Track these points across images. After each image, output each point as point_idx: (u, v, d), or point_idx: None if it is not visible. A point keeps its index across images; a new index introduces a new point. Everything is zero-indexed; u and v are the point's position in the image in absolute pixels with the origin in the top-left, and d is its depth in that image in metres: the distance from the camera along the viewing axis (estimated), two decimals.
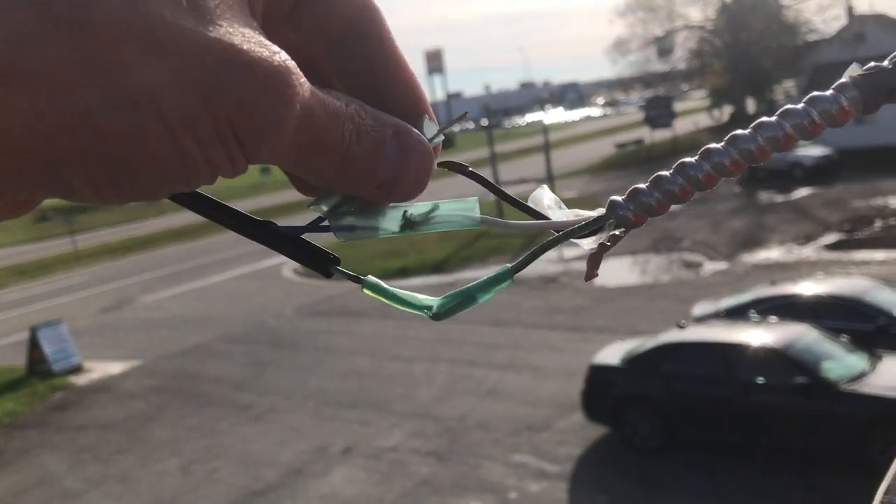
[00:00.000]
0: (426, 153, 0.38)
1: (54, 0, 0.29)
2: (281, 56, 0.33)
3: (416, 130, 0.39)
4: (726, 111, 50.47)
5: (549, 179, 25.27)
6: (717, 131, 45.90)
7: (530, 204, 0.40)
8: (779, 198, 23.64)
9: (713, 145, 0.34)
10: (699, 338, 9.31)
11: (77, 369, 14.72)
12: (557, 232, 0.38)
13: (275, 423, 10.96)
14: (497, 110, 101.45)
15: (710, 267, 16.66)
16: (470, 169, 0.42)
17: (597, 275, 0.37)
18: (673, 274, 16.59)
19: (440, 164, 0.42)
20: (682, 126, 44.82)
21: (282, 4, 0.37)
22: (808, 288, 10.82)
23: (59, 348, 14.69)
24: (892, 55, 0.35)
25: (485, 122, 40.12)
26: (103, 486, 9.77)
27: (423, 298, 0.40)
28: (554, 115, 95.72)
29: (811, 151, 26.61)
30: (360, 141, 0.36)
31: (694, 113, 56.86)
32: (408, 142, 0.38)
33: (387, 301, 0.40)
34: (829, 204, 21.39)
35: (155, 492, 9.42)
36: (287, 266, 22.14)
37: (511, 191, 0.42)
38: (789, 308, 10.29)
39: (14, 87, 0.28)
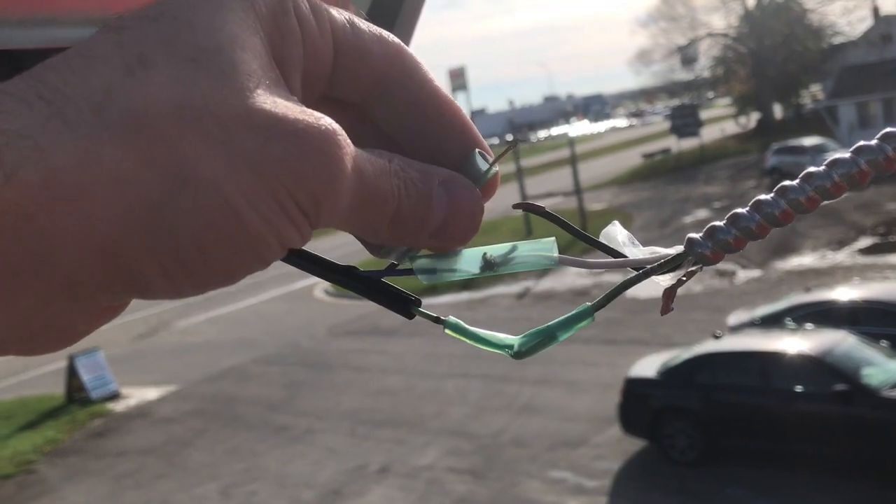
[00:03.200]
0: (474, 197, 0.39)
1: (104, 108, 0.30)
2: (326, 120, 0.33)
3: (463, 177, 0.39)
4: (753, 118, 50.20)
5: (577, 192, 25.18)
6: (744, 138, 45.65)
7: (603, 240, 0.41)
8: None
9: (789, 183, 0.35)
10: (735, 347, 9.21)
11: (115, 396, 14.89)
12: (636, 270, 0.39)
13: (311, 444, 11.00)
14: (521, 125, 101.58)
15: (744, 275, 16.50)
16: (546, 209, 0.42)
17: (672, 308, 0.38)
18: (706, 283, 16.44)
19: (516, 206, 0.42)
20: (708, 134, 44.57)
21: (320, 72, 0.38)
22: (844, 293, 10.68)
23: (96, 376, 14.87)
24: None
25: (509, 137, 40.19)
26: None
27: (503, 338, 0.41)
28: (579, 128, 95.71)
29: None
30: (409, 194, 0.37)
31: (720, 121, 56.60)
32: (455, 188, 0.39)
33: (468, 341, 0.41)
34: (862, 207, 21.11)
35: None
36: (318, 287, 22.25)
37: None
38: (826, 314, 10.16)
39: (78, 201, 0.29)
